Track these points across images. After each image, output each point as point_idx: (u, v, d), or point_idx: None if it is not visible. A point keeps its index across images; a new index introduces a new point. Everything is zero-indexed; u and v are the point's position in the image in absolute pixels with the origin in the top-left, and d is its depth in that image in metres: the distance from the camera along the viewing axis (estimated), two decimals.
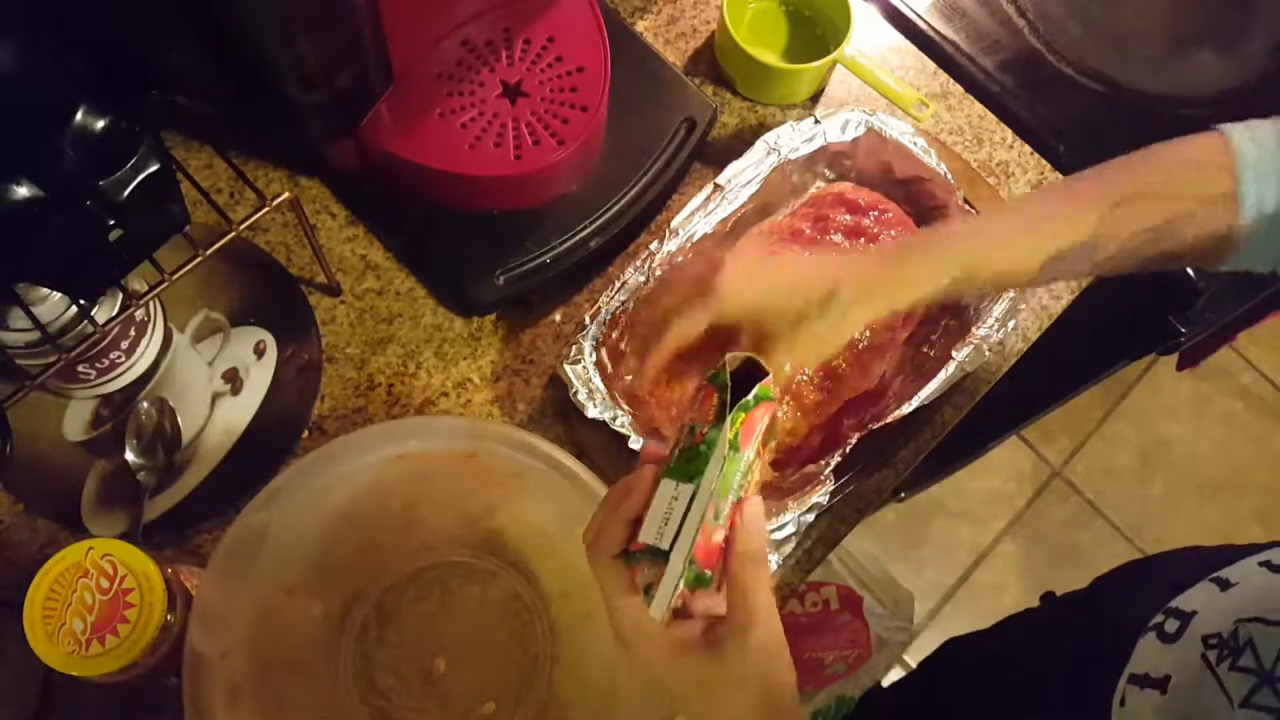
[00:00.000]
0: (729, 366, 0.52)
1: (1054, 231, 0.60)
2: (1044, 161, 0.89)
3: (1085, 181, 0.62)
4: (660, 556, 0.47)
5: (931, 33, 0.98)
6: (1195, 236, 0.59)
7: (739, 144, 0.81)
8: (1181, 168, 0.59)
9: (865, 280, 0.61)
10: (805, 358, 0.62)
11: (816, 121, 0.78)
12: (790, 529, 0.69)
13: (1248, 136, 0.57)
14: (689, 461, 0.49)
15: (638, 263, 0.74)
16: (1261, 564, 0.55)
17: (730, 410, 0.50)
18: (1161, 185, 0.59)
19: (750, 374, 0.52)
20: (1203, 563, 0.59)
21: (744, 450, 0.50)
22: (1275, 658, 0.48)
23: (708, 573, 0.48)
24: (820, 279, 0.61)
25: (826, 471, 0.72)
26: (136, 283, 0.65)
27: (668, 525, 0.48)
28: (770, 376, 0.52)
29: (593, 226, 0.79)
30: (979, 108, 0.91)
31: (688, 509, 0.48)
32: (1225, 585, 0.55)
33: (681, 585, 0.47)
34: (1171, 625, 0.55)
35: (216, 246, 0.62)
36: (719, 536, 0.49)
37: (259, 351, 0.76)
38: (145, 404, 0.71)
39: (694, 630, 0.49)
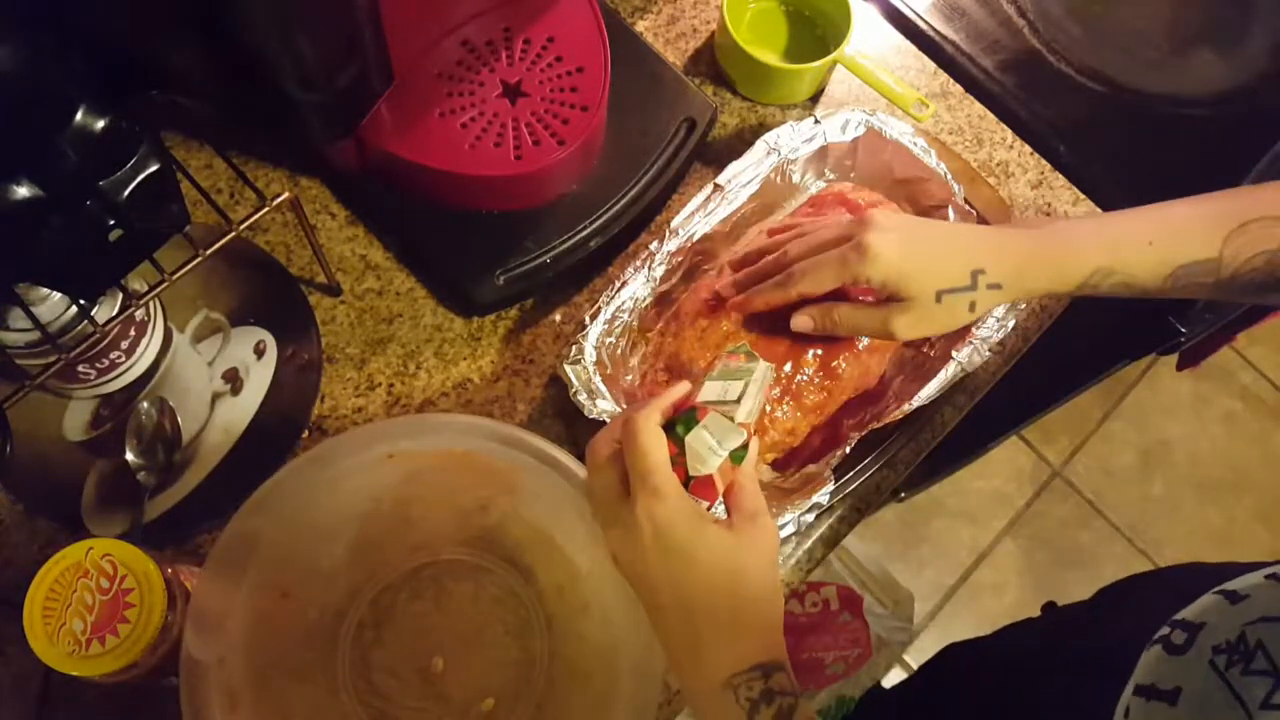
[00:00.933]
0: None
1: (1184, 246, 0.62)
2: (1044, 161, 0.89)
3: (1213, 200, 0.64)
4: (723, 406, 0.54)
5: (931, 33, 0.98)
6: None
7: (739, 144, 0.81)
8: None
9: (1009, 267, 0.64)
10: (931, 329, 0.66)
11: (816, 121, 0.78)
12: (790, 529, 0.69)
13: None
14: (731, 372, 0.57)
15: (638, 263, 0.74)
16: (1269, 576, 0.55)
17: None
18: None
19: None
20: (1207, 576, 0.59)
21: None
22: None
23: (745, 452, 0.55)
24: (968, 257, 0.63)
25: (826, 472, 0.72)
26: (136, 283, 0.65)
27: (726, 392, 0.55)
28: (773, 366, 0.59)
29: (593, 226, 0.79)
30: (979, 108, 0.91)
31: (743, 390, 0.55)
32: (1235, 598, 0.55)
33: (746, 428, 0.54)
34: (1179, 637, 0.55)
35: (216, 246, 0.62)
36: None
37: (259, 351, 0.76)
38: (145, 404, 0.71)
39: (705, 510, 0.53)
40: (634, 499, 0.52)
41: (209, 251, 0.62)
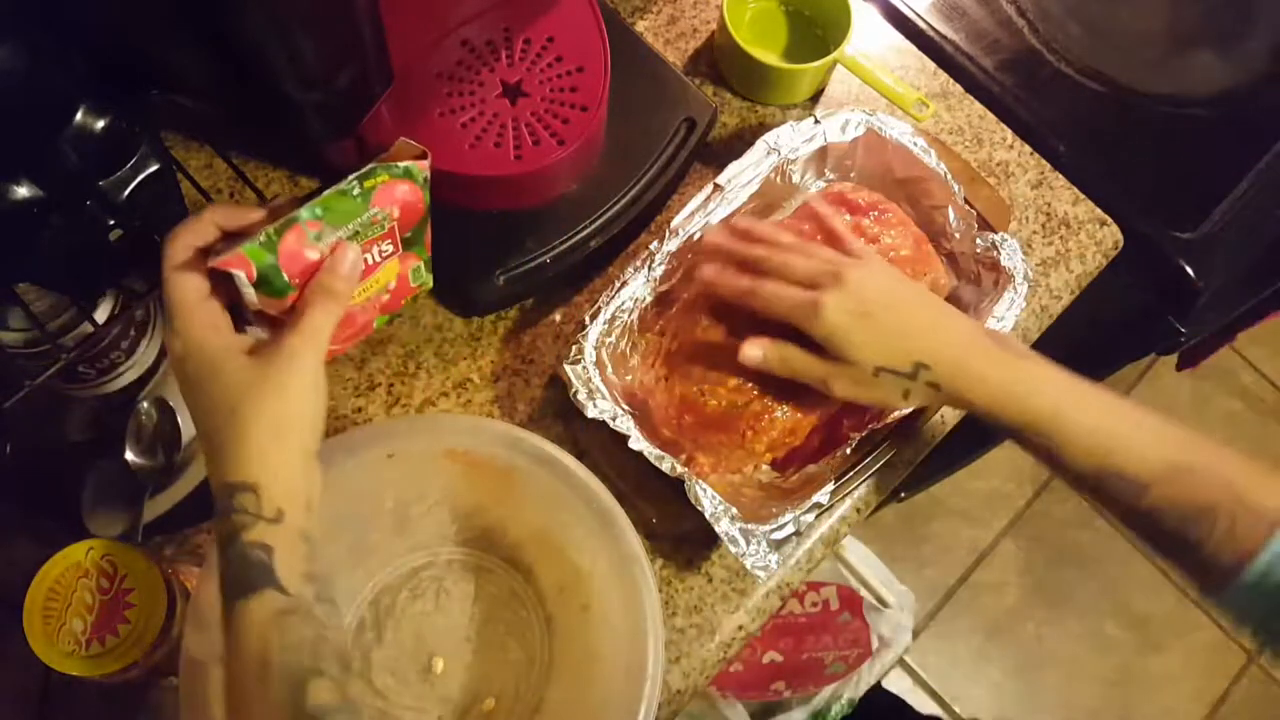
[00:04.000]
0: (397, 148, 0.58)
1: (1125, 453, 0.60)
2: (1044, 161, 0.89)
3: (1176, 428, 0.61)
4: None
5: (931, 33, 0.98)
6: (1217, 541, 0.57)
7: (739, 144, 0.81)
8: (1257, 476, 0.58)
9: (956, 376, 0.63)
10: (868, 398, 0.67)
11: (816, 121, 0.78)
12: (790, 529, 0.69)
13: None
14: (320, 194, 0.55)
15: (637, 263, 0.74)
16: None
17: (375, 163, 0.56)
18: (1234, 477, 0.58)
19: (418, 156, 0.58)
20: None
21: (374, 207, 0.56)
22: None
23: (287, 279, 0.53)
24: (919, 347, 0.63)
25: (827, 471, 0.72)
26: (136, 283, 0.65)
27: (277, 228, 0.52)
28: (428, 164, 0.58)
29: (593, 226, 0.79)
30: (979, 108, 0.91)
31: (294, 211, 0.53)
32: None
33: (250, 258, 0.51)
34: None
35: None
36: (312, 255, 0.54)
37: None
38: (145, 404, 0.71)
39: (246, 342, 0.53)
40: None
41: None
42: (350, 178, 0.55)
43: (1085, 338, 0.95)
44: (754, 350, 0.67)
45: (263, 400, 0.51)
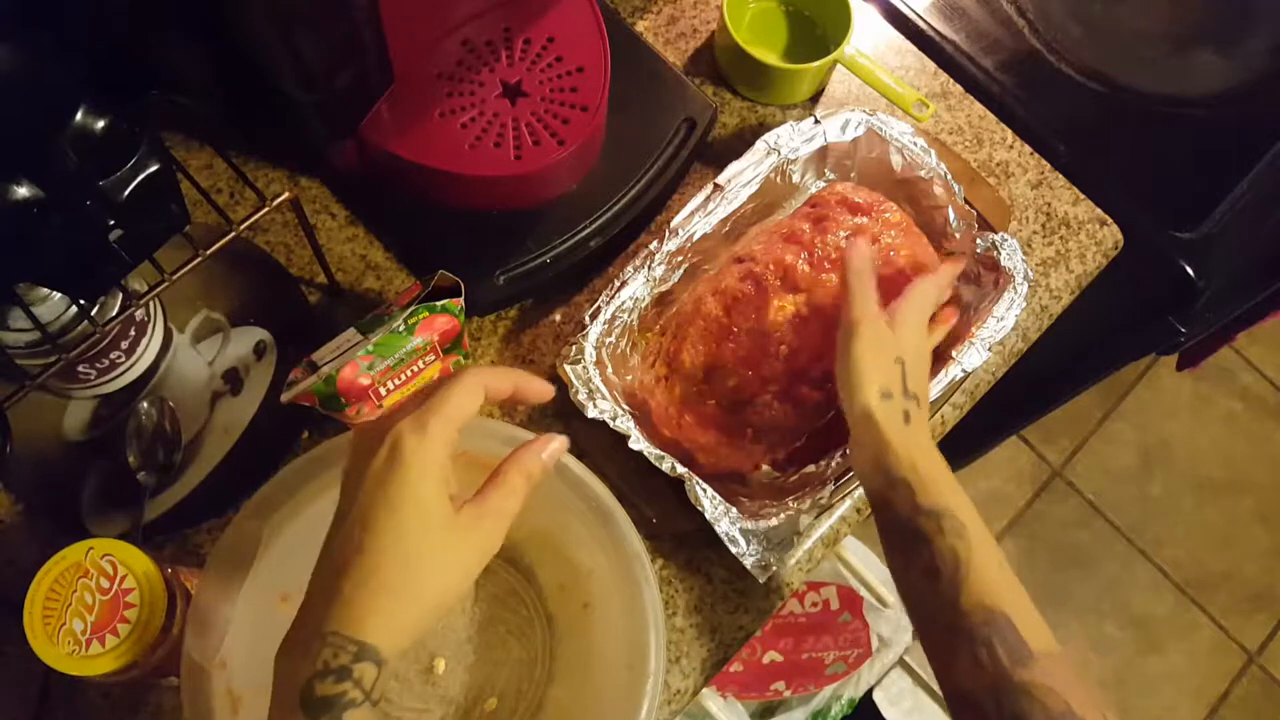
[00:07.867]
0: (436, 280, 0.66)
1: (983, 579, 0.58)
2: (1044, 161, 0.89)
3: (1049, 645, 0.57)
4: (314, 368, 0.65)
5: (931, 33, 0.98)
6: None
7: (739, 144, 0.81)
8: None
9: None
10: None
11: (816, 121, 0.78)
12: (790, 529, 0.69)
13: None
14: (372, 321, 0.66)
15: (637, 262, 0.74)
16: None
17: (418, 304, 0.65)
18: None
19: (454, 290, 0.67)
20: None
21: (416, 336, 0.66)
22: None
23: (340, 399, 0.66)
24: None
25: (827, 471, 0.72)
26: (136, 283, 0.65)
27: (336, 356, 0.65)
28: (461, 298, 0.67)
29: (593, 226, 0.79)
30: (979, 108, 0.91)
31: (351, 348, 0.64)
32: None
33: (314, 392, 0.65)
34: None
35: (216, 246, 0.62)
36: (364, 381, 0.66)
37: (259, 351, 0.76)
38: (145, 404, 0.71)
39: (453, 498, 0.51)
40: (403, 420, 0.47)
41: (209, 251, 0.62)
42: (399, 319, 0.65)
43: (1085, 337, 0.96)
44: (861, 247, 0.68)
45: (444, 570, 0.47)
